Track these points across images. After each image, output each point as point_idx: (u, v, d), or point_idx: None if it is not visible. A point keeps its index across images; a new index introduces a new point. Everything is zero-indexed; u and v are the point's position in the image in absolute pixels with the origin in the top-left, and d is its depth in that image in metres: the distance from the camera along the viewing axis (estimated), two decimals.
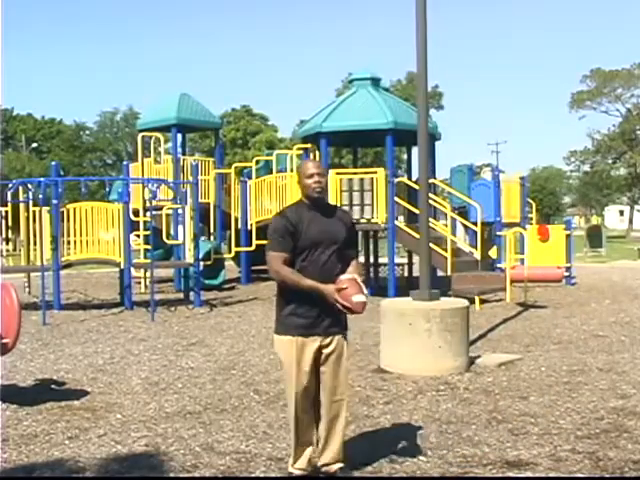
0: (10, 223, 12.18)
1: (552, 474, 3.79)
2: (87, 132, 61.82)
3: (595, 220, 60.75)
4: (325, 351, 3.49)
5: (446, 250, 11.43)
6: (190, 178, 12.80)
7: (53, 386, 5.90)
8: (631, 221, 52.45)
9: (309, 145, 13.44)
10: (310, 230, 3.40)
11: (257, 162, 15.81)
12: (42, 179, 10.95)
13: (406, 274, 14.94)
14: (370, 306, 3.54)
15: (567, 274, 14.22)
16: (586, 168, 52.07)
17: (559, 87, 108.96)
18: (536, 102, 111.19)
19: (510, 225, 14.22)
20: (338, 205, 4.11)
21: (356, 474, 3.75)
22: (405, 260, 15.56)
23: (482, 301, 11.08)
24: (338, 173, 12.69)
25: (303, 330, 3.44)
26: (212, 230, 14.93)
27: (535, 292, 12.76)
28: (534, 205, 17.61)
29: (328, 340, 3.49)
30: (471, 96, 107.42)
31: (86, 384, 5.95)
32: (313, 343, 3.46)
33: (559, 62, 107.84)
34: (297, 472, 3.59)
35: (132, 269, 11.58)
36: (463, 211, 14.38)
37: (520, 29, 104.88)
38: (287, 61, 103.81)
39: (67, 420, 4.89)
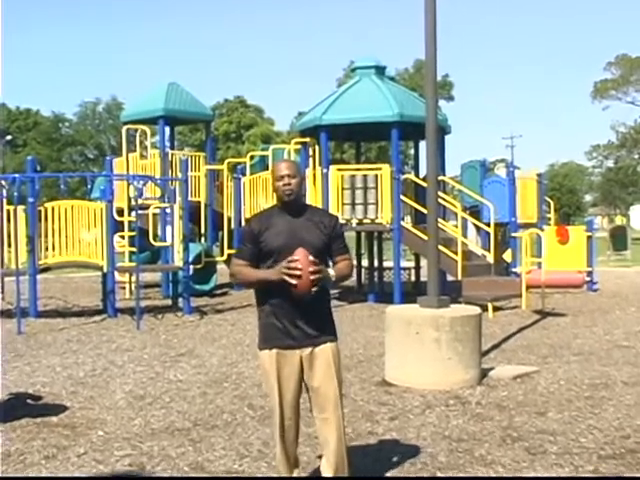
0: None
1: None
2: (66, 124, 61.91)
3: (619, 220, 60.72)
4: (309, 363, 3.45)
5: (456, 253, 11.43)
6: (179, 174, 12.80)
7: (29, 401, 5.89)
8: None
9: (308, 139, 13.44)
10: (275, 236, 3.40)
11: (252, 157, 15.82)
12: (17, 175, 10.94)
13: (413, 279, 14.95)
14: (374, 314, 3.51)
15: (588, 279, 14.23)
16: (610, 164, 52.09)
17: (580, 75, 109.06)
18: (555, 92, 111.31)
19: (526, 226, 14.22)
20: (321, 207, 4.09)
21: None
22: (412, 264, 15.56)
23: (495, 308, 11.08)
24: (339, 169, 12.69)
25: (280, 342, 3.42)
26: (203, 231, 14.93)
27: (553, 299, 12.76)
28: (552, 204, 17.62)
29: (309, 350, 3.44)
30: (484, 86, 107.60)
31: (65, 398, 5.94)
32: (292, 356, 3.43)
33: (580, 48, 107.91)
34: None
35: (116, 273, 11.58)
36: (475, 211, 14.38)
37: (537, 13, 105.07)
38: (284, 48, 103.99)
39: (44, 438, 4.88)
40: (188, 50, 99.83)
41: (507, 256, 13.82)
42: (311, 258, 3.25)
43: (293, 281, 3.23)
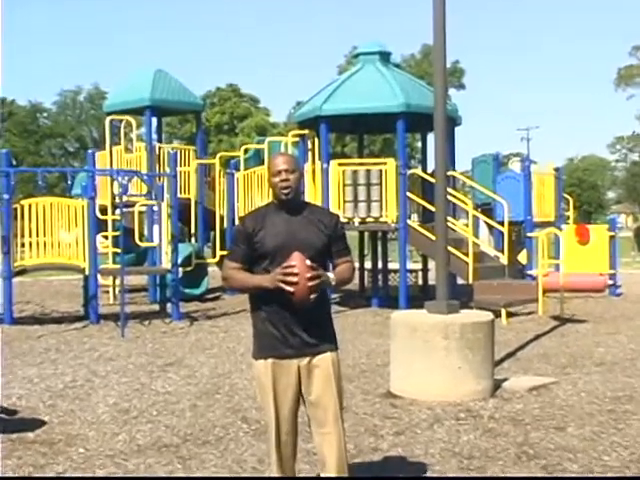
0: None
1: None
2: (44, 114, 61.90)
3: None
4: (307, 374, 3.45)
5: (467, 254, 11.44)
6: (167, 169, 12.80)
7: (3, 415, 5.88)
8: None
9: (307, 131, 13.45)
10: (271, 236, 3.40)
11: (246, 151, 15.83)
12: None
13: (420, 282, 14.95)
14: (378, 320, 3.50)
15: (611, 282, 14.23)
16: (635, 157, 52.09)
17: (603, 61, 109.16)
18: (575, 79, 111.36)
19: (543, 225, 14.22)
20: (321, 205, 4.07)
21: None
22: (419, 266, 15.56)
23: (510, 314, 11.08)
24: (341, 164, 12.69)
25: (275, 351, 3.41)
26: (193, 231, 14.94)
27: (573, 304, 12.76)
28: (571, 201, 17.63)
29: (307, 360, 3.43)
30: (497, 73, 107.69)
31: (43, 412, 5.94)
32: (289, 366, 3.42)
33: (603, 31, 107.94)
34: None
35: (98, 276, 11.57)
36: (487, 208, 14.38)
37: None
38: (281, 32, 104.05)
39: (19, 456, 4.87)
40: (176, 34, 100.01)
41: (522, 258, 13.82)
42: (308, 262, 3.23)
43: (290, 288, 3.22)
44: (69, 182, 14.31)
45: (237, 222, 10.85)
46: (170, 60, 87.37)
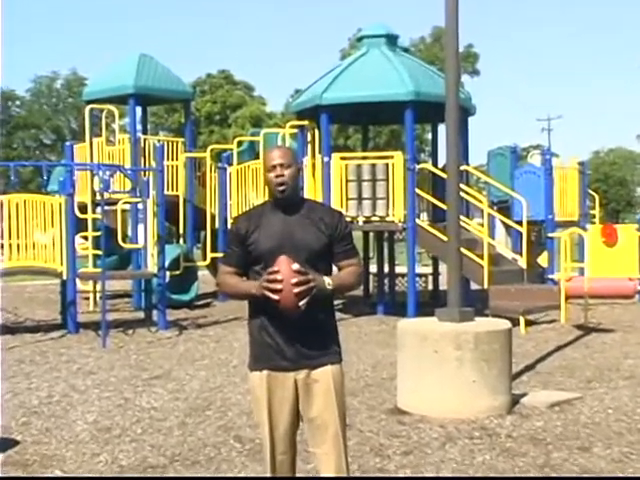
0: None
1: None
2: (17, 103, 61.85)
3: None
4: (306, 388, 3.45)
5: (482, 257, 11.44)
6: (153, 164, 12.80)
7: None
8: None
9: (306, 122, 13.46)
10: (265, 237, 3.41)
11: (239, 143, 15.83)
12: None
13: (430, 287, 14.95)
14: (384, 328, 3.50)
15: None
16: None
17: (631, 45, 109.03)
18: (601, 65, 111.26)
19: (565, 224, 14.22)
20: (322, 203, 4.05)
21: None
22: (429, 270, 15.56)
23: (529, 322, 11.08)
24: (343, 158, 12.69)
25: (270, 362, 3.42)
26: (181, 231, 14.94)
27: (599, 311, 12.76)
28: (597, 198, 17.66)
29: (305, 373, 3.44)
30: (515, 58, 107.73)
31: (15, 431, 5.94)
32: (285, 379, 3.42)
33: (632, 10, 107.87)
34: None
35: (77, 281, 11.57)
36: (504, 206, 14.40)
37: None
38: (279, 13, 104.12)
39: None
40: (163, 15, 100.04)
41: (543, 260, 13.82)
42: (295, 266, 3.22)
43: (274, 296, 3.22)
44: (45, 177, 14.30)
45: (230, 222, 10.74)
46: (156, 44, 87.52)
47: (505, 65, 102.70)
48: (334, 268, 3.53)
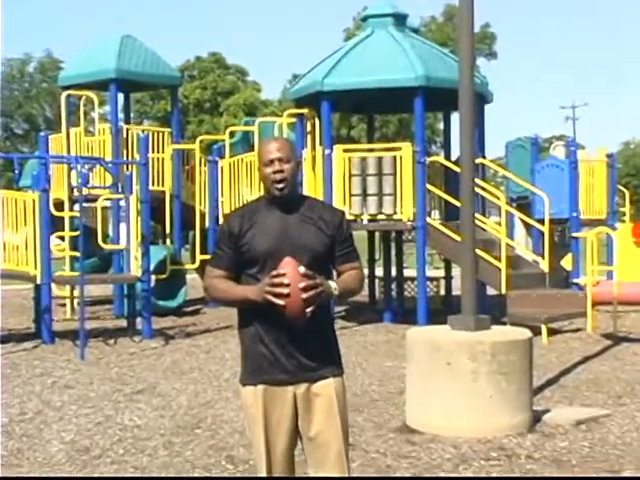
0: None
1: None
2: None
3: None
4: (305, 404, 3.44)
5: (499, 259, 11.43)
6: (136, 156, 12.79)
7: None
8: None
9: (305, 110, 13.46)
10: (261, 237, 3.41)
11: (232, 134, 15.84)
12: None
13: (442, 292, 14.95)
14: (392, 338, 3.50)
15: None
16: None
17: None
18: (630, 46, 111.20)
19: (592, 223, 14.21)
20: (322, 200, 4.04)
21: None
22: (441, 273, 15.55)
23: (552, 331, 11.08)
24: (346, 150, 12.69)
25: (266, 375, 3.42)
26: (168, 230, 14.94)
27: (629, 319, 12.75)
28: (627, 194, 17.63)
29: (305, 387, 3.44)
30: (536, 39, 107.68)
31: None
32: (284, 394, 3.42)
33: None
34: None
35: (53, 286, 11.57)
36: (524, 203, 14.38)
37: None
38: None
39: None
40: None
41: (567, 263, 13.81)
42: (302, 269, 3.23)
43: (280, 302, 3.21)
44: (16, 171, 14.31)
45: (221, 221, 10.72)
46: (140, 23, 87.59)
47: (525, 47, 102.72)
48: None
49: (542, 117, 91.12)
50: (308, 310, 3.23)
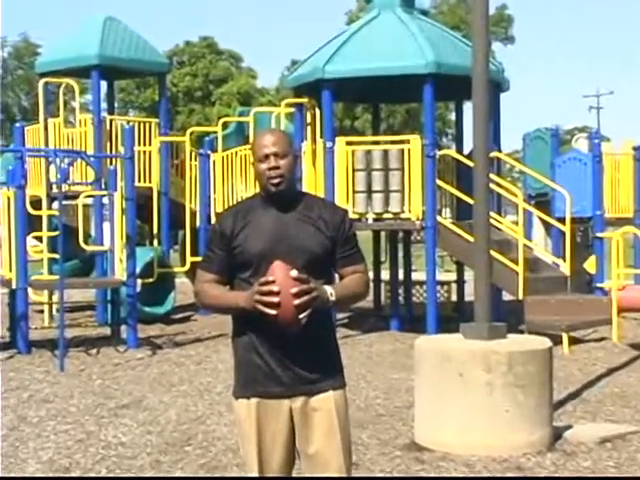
0: None
1: None
2: None
3: None
4: (303, 419, 3.45)
5: (516, 261, 11.43)
6: (121, 149, 12.79)
7: None
8: None
9: (305, 100, 13.46)
10: (255, 238, 3.41)
11: (225, 125, 15.83)
12: None
13: (454, 298, 14.94)
14: (399, 347, 3.50)
15: None
16: None
17: None
18: None
19: (618, 222, 14.20)
20: (323, 198, 4.03)
21: None
22: (452, 277, 15.54)
23: (573, 340, 11.07)
24: (349, 143, 12.68)
25: (261, 388, 3.42)
26: (156, 230, 14.94)
27: None
28: None
29: (302, 400, 3.44)
30: (557, 22, 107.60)
31: None
32: (279, 408, 3.43)
33: None
34: None
35: (30, 291, 11.56)
36: (543, 201, 14.37)
37: None
38: None
39: None
40: None
41: (590, 265, 13.80)
42: (294, 273, 3.21)
43: (271, 311, 3.20)
44: None
45: (213, 220, 10.75)
46: (125, 5, 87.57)
47: (545, 30, 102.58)
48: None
49: (563, 107, 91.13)
50: (302, 316, 3.22)
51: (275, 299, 3.18)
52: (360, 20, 14.39)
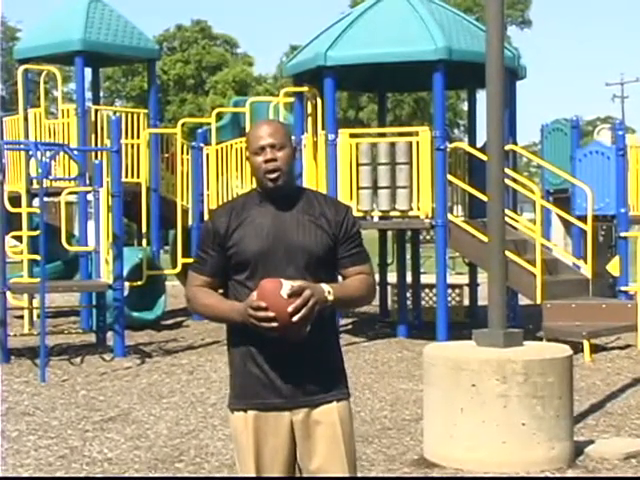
0: None
1: None
2: None
3: None
4: (304, 432, 3.45)
5: (534, 263, 11.42)
6: (107, 142, 12.79)
7: None
8: None
9: (305, 88, 13.46)
10: (251, 238, 3.41)
11: (219, 116, 15.83)
12: None
13: (466, 302, 14.94)
14: (407, 355, 3.50)
15: None
16: None
17: None
18: None
19: None
20: (325, 194, 4.00)
21: None
22: (465, 280, 15.55)
23: (596, 348, 11.06)
24: (353, 135, 12.69)
25: (259, 399, 3.42)
26: (145, 229, 14.95)
27: None
28: None
29: (304, 412, 3.44)
30: (578, 4, 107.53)
31: None
32: (279, 421, 3.43)
33: None
34: None
35: (8, 294, 11.57)
36: (563, 197, 14.36)
37: None
38: None
39: None
40: None
41: (613, 267, 13.79)
42: (285, 290, 3.17)
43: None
44: None
45: (206, 218, 10.73)
46: None
47: (565, 13, 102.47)
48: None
49: (584, 95, 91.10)
50: (304, 328, 3.22)
51: (273, 324, 3.18)
52: (365, 2, 14.36)
